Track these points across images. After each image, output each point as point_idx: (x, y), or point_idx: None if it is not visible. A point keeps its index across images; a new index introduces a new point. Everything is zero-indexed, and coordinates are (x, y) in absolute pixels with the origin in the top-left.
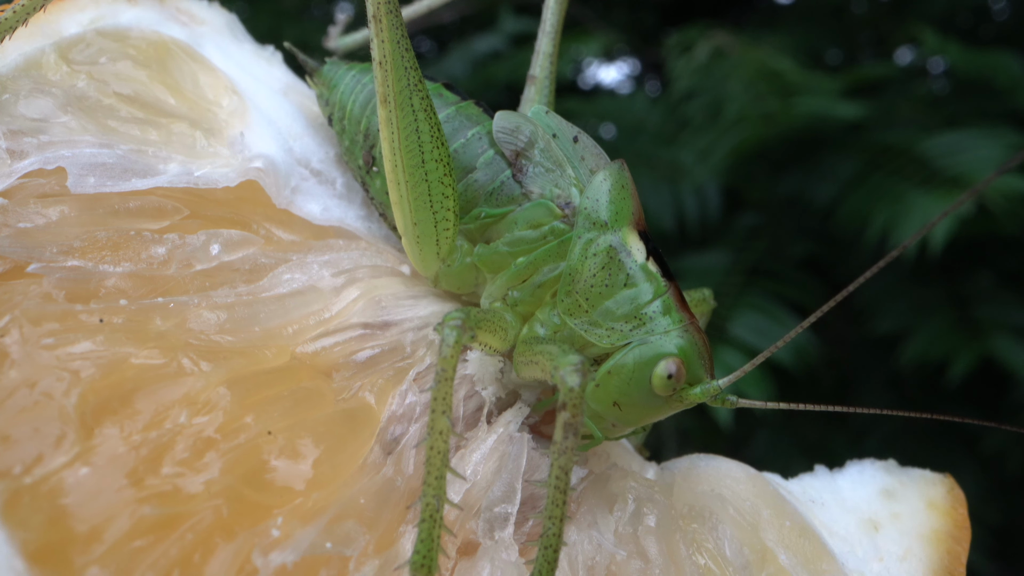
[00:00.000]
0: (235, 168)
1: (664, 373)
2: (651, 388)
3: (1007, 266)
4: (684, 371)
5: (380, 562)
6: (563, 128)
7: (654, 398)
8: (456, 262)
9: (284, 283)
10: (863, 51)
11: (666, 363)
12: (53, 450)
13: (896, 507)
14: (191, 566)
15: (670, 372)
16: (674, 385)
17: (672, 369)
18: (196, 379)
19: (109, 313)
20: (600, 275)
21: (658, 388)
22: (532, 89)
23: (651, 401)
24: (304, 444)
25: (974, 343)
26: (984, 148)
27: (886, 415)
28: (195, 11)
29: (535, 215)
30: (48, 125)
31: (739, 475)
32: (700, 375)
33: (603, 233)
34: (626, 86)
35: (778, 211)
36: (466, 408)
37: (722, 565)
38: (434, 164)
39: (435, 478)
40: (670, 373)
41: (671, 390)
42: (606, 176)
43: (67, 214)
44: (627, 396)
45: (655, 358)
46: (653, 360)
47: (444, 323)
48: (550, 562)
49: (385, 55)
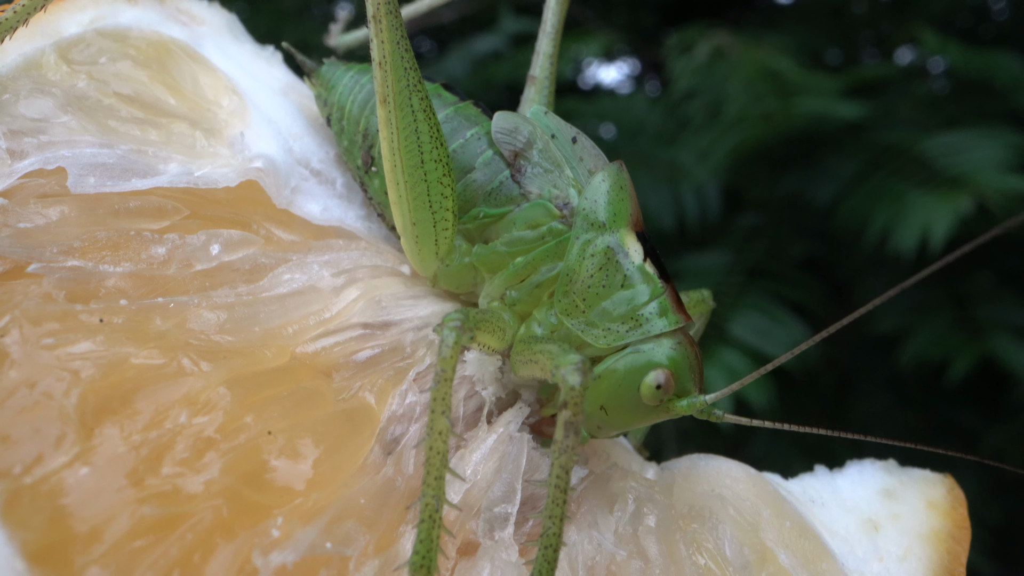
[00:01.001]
0: (235, 168)
1: (653, 383)
2: (639, 396)
3: (1007, 266)
4: (673, 383)
5: (380, 562)
6: (562, 129)
7: (640, 406)
8: (454, 262)
9: (284, 283)
10: (863, 51)
11: (656, 374)
12: (53, 450)
13: (896, 507)
14: (191, 566)
15: (659, 383)
16: (661, 396)
17: (661, 380)
18: (196, 379)
19: (109, 313)
20: (597, 276)
21: (646, 397)
22: (532, 89)
23: (637, 409)
24: (304, 444)
25: (974, 343)
26: (984, 148)
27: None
28: (195, 11)
29: (533, 215)
30: (48, 125)
31: (739, 475)
32: (689, 388)
33: (601, 234)
34: (626, 86)
35: (778, 211)
36: (466, 408)
37: (722, 565)
38: (433, 164)
39: (434, 478)
40: (659, 384)
41: (658, 400)
42: (605, 177)
43: (67, 214)
44: (614, 401)
45: (645, 367)
46: (644, 369)
47: (443, 324)
48: (550, 562)
49: (385, 55)
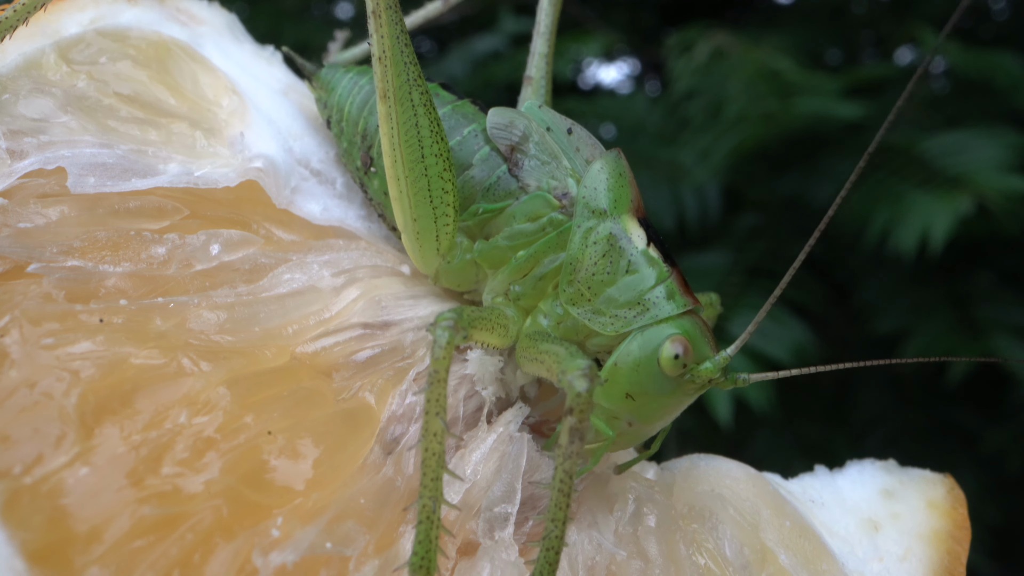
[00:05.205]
0: (235, 168)
1: (671, 354)
2: (661, 372)
3: (1007, 266)
4: (691, 348)
5: (380, 562)
6: (557, 121)
7: (666, 381)
8: (456, 259)
9: (284, 283)
10: (863, 51)
11: (671, 343)
12: (53, 450)
13: (896, 507)
14: (191, 566)
15: (677, 352)
16: (684, 362)
17: (679, 348)
18: (196, 379)
19: (109, 313)
20: (601, 263)
21: (668, 369)
22: (528, 90)
23: (663, 386)
24: (304, 444)
25: (974, 343)
26: (984, 148)
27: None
28: (195, 11)
29: (533, 207)
30: (48, 125)
31: (739, 475)
32: (706, 352)
33: (602, 221)
34: (626, 86)
35: (778, 211)
36: (466, 408)
37: (722, 565)
38: (434, 159)
39: (431, 479)
40: (677, 353)
41: (681, 368)
42: (603, 165)
43: (67, 214)
44: (638, 384)
45: (659, 339)
46: (658, 342)
47: (436, 324)
48: (551, 563)
49: (384, 50)
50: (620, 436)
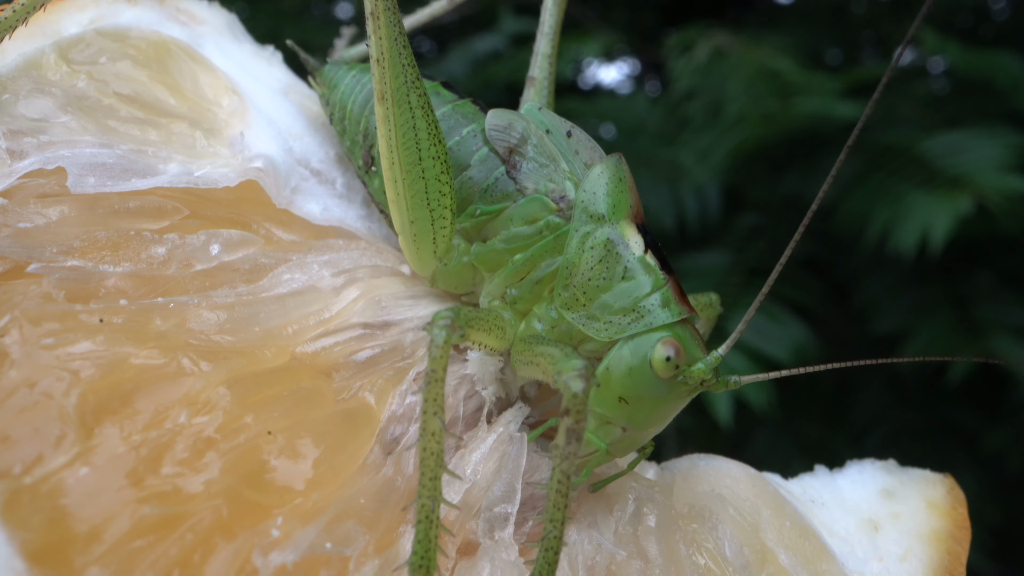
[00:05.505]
0: (235, 168)
1: (663, 356)
2: (653, 375)
3: (1007, 266)
4: (683, 350)
5: (380, 562)
6: (556, 123)
7: (659, 384)
8: (453, 261)
9: (284, 283)
10: (863, 51)
11: (663, 346)
12: (53, 450)
13: (896, 507)
14: (191, 566)
15: (669, 354)
16: (676, 363)
17: (671, 351)
18: (196, 379)
19: (109, 313)
20: (598, 268)
21: (660, 371)
22: (531, 91)
23: (656, 389)
24: (304, 444)
25: (974, 343)
26: (984, 148)
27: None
28: (195, 11)
29: (530, 210)
30: (48, 125)
31: (739, 475)
32: (697, 354)
33: (600, 226)
34: (626, 86)
35: (778, 211)
36: (466, 408)
37: (722, 565)
38: (431, 161)
39: (430, 479)
40: (669, 355)
41: (673, 370)
42: (603, 169)
43: (67, 214)
44: (631, 388)
45: (651, 343)
46: (649, 345)
47: (433, 323)
48: (550, 564)
49: (383, 52)
50: (613, 445)
